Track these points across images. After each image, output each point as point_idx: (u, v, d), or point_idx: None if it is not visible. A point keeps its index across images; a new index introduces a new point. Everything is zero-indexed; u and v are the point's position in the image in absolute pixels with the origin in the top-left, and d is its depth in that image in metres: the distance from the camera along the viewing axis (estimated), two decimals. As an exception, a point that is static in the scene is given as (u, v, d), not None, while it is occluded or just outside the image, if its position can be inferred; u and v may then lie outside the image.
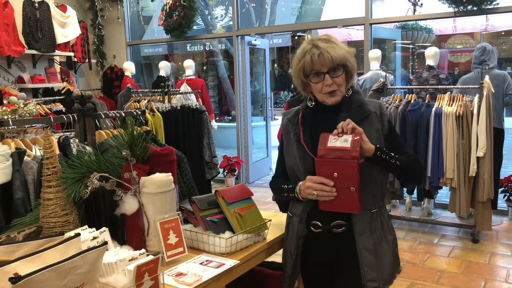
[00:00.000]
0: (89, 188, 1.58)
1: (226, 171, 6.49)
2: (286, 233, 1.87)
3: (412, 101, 4.38)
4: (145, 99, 4.94)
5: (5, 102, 3.49)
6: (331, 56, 1.61)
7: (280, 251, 1.95)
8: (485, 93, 3.98)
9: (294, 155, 1.76)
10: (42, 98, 5.23)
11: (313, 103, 1.77)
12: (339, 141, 1.59)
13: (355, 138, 1.58)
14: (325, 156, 1.61)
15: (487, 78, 4.11)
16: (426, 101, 4.38)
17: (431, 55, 5.00)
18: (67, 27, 5.86)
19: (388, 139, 1.76)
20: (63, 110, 4.90)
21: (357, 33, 9.57)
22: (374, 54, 5.39)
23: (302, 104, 1.83)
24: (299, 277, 1.90)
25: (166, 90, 4.54)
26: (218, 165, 5.00)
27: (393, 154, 1.67)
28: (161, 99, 4.58)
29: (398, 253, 1.87)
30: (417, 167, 1.81)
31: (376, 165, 1.68)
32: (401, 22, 8.95)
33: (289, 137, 1.80)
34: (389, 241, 1.79)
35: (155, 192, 1.64)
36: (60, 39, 5.71)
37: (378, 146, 1.65)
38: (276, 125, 7.38)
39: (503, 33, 11.66)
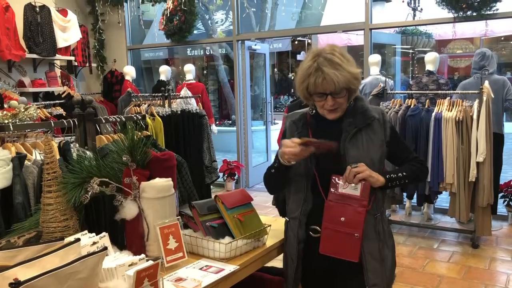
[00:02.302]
0: (89, 193, 1.58)
1: (226, 175, 6.49)
2: (286, 239, 1.87)
3: (412, 106, 4.39)
4: (145, 103, 4.94)
5: (5, 106, 3.49)
6: (334, 82, 1.62)
7: (280, 256, 1.94)
8: (484, 98, 3.98)
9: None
10: (43, 102, 5.24)
11: (314, 111, 1.78)
12: (349, 187, 1.67)
13: (365, 186, 1.66)
14: (336, 200, 1.68)
15: (486, 83, 4.12)
16: (426, 106, 4.39)
17: (431, 60, 5.01)
18: (67, 31, 5.88)
19: (391, 146, 1.78)
20: (63, 114, 4.90)
21: (357, 38, 9.60)
22: (374, 59, 5.40)
23: (308, 109, 1.83)
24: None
25: (166, 94, 4.55)
26: (218, 170, 5.00)
27: (401, 175, 1.73)
28: (161, 104, 4.59)
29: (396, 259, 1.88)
30: (422, 172, 1.84)
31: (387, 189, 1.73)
32: (401, 27, 8.97)
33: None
34: (390, 246, 1.80)
35: (155, 197, 1.65)
36: (60, 43, 5.73)
37: (387, 177, 1.70)
38: (276, 130, 7.38)
39: (502, 38, 11.69)
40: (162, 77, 6.47)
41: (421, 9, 7.68)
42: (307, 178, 1.74)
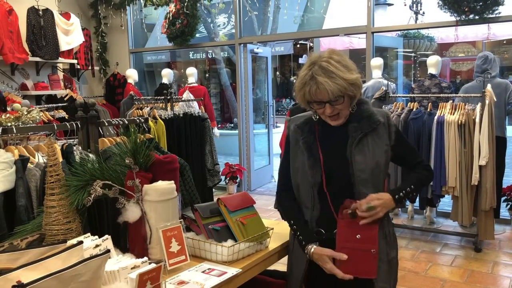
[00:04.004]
0: (92, 196, 1.58)
1: (228, 178, 6.49)
2: (292, 244, 1.85)
3: (414, 110, 4.39)
4: (147, 106, 4.96)
5: (8, 109, 3.50)
6: (328, 91, 1.60)
7: (282, 260, 1.94)
8: (487, 101, 3.98)
9: (303, 164, 1.73)
10: (45, 105, 5.25)
11: (318, 116, 1.76)
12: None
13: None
14: (348, 218, 1.66)
15: (489, 86, 4.12)
16: (428, 110, 4.39)
17: (433, 63, 5.01)
18: (70, 34, 5.89)
19: (396, 149, 1.77)
20: (66, 117, 4.92)
21: (359, 41, 9.60)
22: (376, 62, 5.40)
23: (312, 112, 1.80)
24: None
25: (168, 97, 4.56)
26: (220, 173, 5.00)
27: (409, 190, 1.74)
28: (163, 107, 4.60)
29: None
30: (427, 178, 1.84)
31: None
32: (403, 31, 8.97)
33: (298, 144, 1.77)
34: (395, 249, 1.80)
35: (157, 200, 1.65)
36: (63, 47, 5.74)
37: (396, 197, 1.69)
38: (278, 133, 7.38)
39: (505, 42, 11.69)
40: (165, 80, 6.48)
41: (423, 13, 7.67)
42: (314, 186, 1.71)
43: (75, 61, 6.21)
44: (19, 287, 1.06)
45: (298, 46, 14.15)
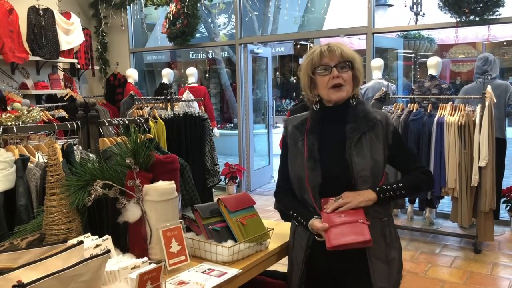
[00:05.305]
0: (92, 196, 1.58)
1: (227, 178, 6.49)
2: (292, 243, 1.85)
3: (414, 111, 4.39)
4: (147, 106, 4.96)
5: (9, 108, 3.50)
6: (341, 51, 1.68)
7: (282, 260, 1.94)
8: (487, 103, 3.98)
9: (303, 166, 1.73)
10: (45, 105, 5.25)
11: (318, 107, 1.76)
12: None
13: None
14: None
15: (489, 88, 4.12)
16: (428, 111, 4.39)
17: (433, 64, 5.01)
18: (71, 34, 5.90)
19: (393, 150, 1.76)
20: (66, 117, 4.92)
21: (359, 42, 9.60)
22: (376, 63, 5.40)
23: (309, 112, 1.82)
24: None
25: (168, 97, 4.56)
26: (220, 173, 5.01)
27: (395, 186, 1.70)
28: (163, 107, 4.60)
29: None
30: (424, 182, 1.80)
31: (386, 202, 1.73)
32: (403, 32, 8.98)
33: (297, 146, 1.77)
34: (396, 249, 1.80)
35: (158, 200, 1.65)
36: (64, 46, 5.74)
37: (378, 189, 1.68)
38: (278, 133, 7.38)
39: (505, 43, 11.69)
40: (165, 80, 6.48)
41: (424, 14, 7.69)
42: (314, 187, 1.71)
43: (75, 61, 6.21)
44: (20, 287, 1.06)
45: (298, 46, 14.15)
